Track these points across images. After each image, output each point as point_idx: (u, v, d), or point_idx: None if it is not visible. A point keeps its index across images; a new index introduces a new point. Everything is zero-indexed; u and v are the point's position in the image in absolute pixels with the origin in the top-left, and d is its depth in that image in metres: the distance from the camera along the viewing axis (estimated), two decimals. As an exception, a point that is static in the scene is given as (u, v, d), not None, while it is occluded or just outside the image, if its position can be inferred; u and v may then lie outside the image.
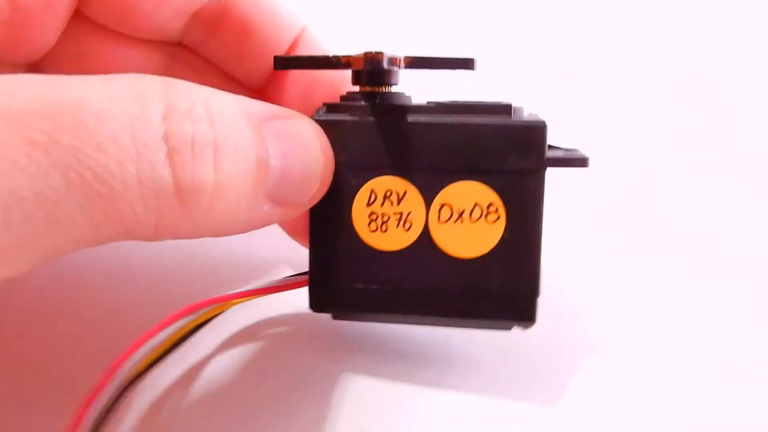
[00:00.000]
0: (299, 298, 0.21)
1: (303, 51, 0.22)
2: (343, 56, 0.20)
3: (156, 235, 0.15)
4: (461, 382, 0.21)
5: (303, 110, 0.22)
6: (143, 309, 0.21)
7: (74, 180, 0.12)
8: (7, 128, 0.12)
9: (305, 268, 0.21)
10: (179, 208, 0.15)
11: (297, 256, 0.23)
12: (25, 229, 0.12)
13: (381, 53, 0.18)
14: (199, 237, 0.17)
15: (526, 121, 0.19)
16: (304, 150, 0.18)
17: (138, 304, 0.22)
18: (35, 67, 0.20)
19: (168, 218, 0.14)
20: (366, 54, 0.18)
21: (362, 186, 0.20)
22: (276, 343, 0.22)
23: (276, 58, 0.20)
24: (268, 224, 0.19)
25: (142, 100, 0.14)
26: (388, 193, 0.20)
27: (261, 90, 0.23)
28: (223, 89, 0.23)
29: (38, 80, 0.13)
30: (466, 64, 0.20)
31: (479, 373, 0.21)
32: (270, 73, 0.23)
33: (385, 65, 0.18)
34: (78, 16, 0.20)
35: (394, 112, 0.19)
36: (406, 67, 0.20)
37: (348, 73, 0.23)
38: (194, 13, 0.21)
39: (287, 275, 0.22)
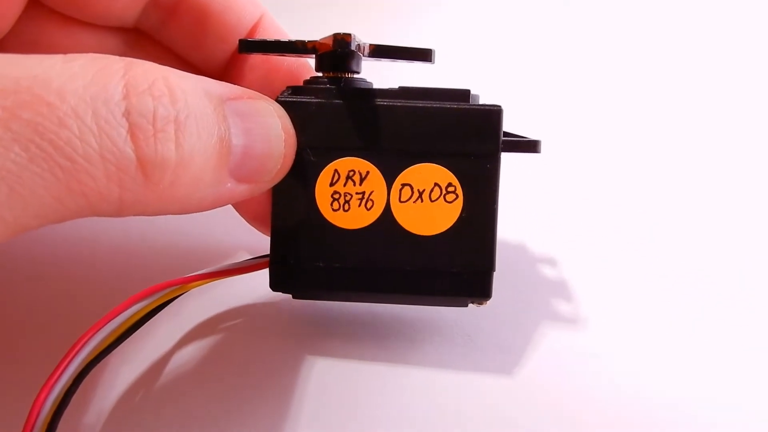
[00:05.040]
0: (258, 281, 0.21)
1: (262, 37, 0.23)
2: (309, 41, 0.20)
3: (120, 210, 0.15)
4: (422, 358, 0.21)
5: (264, 93, 0.23)
6: (102, 291, 0.20)
7: (36, 153, 0.12)
8: None
9: (263, 252, 0.21)
10: (143, 183, 0.15)
11: (255, 241, 0.23)
12: None
13: (350, 34, 0.19)
14: (163, 213, 0.17)
15: (483, 106, 0.20)
16: (266, 128, 0.18)
17: (97, 286, 0.22)
18: None
19: (132, 193, 0.15)
20: (335, 35, 0.19)
21: (326, 166, 0.20)
22: (235, 326, 0.22)
23: (241, 42, 0.21)
24: (232, 202, 0.19)
25: (102, 77, 0.14)
26: (351, 173, 0.20)
27: (220, 76, 0.23)
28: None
29: (3, 60, 0.13)
30: (426, 55, 0.21)
31: (441, 347, 0.22)
32: (228, 59, 0.23)
33: (353, 47, 0.19)
34: (33, 1, 0.20)
35: (358, 95, 0.20)
36: (368, 56, 0.21)
37: (307, 61, 0.23)
38: None
39: (246, 258, 0.22)
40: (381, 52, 0.21)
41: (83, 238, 0.22)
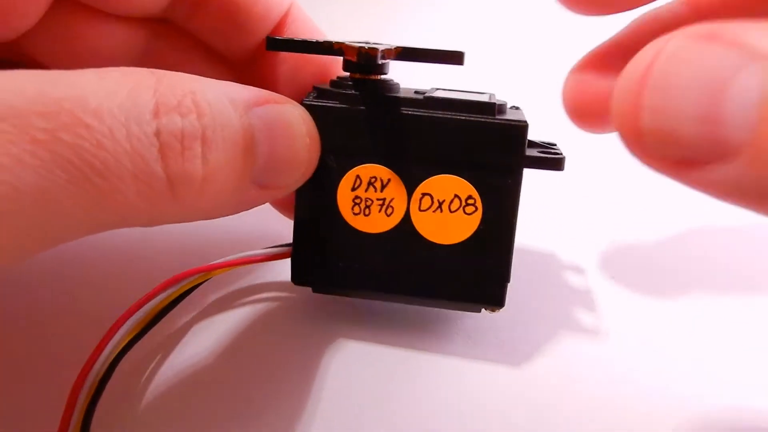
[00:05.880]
0: (282, 268, 0.22)
1: (292, 28, 0.23)
2: (336, 42, 0.20)
3: (149, 222, 0.16)
4: (442, 346, 0.22)
5: (291, 86, 0.23)
6: (129, 281, 0.21)
7: (74, 174, 0.13)
8: (11, 128, 0.12)
9: (285, 240, 0.22)
10: (170, 199, 0.15)
11: (279, 228, 0.24)
12: (27, 222, 0.13)
13: (376, 49, 0.18)
14: (189, 221, 0.17)
15: (509, 121, 0.20)
16: (290, 135, 0.18)
17: (123, 276, 0.23)
18: (15, 45, 0.20)
19: (160, 207, 0.15)
20: (360, 48, 0.18)
21: (348, 171, 0.20)
22: (259, 310, 0.23)
23: (268, 39, 0.21)
24: (256, 206, 0.19)
25: (135, 95, 0.14)
26: (372, 180, 0.20)
27: (248, 66, 0.23)
28: (208, 66, 0.23)
29: (38, 78, 0.13)
30: (456, 58, 0.21)
31: (457, 337, 0.23)
32: (257, 49, 0.23)
33: (379, 60, 0.18)
34: None
35: (383, 103, 0.20)
36: (396, 58, 0.20)
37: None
38: None
39: (269, 246, 0.23)
40: (408, 55, 0.21)
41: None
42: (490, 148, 0.20)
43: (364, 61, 0.18)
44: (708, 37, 0.12)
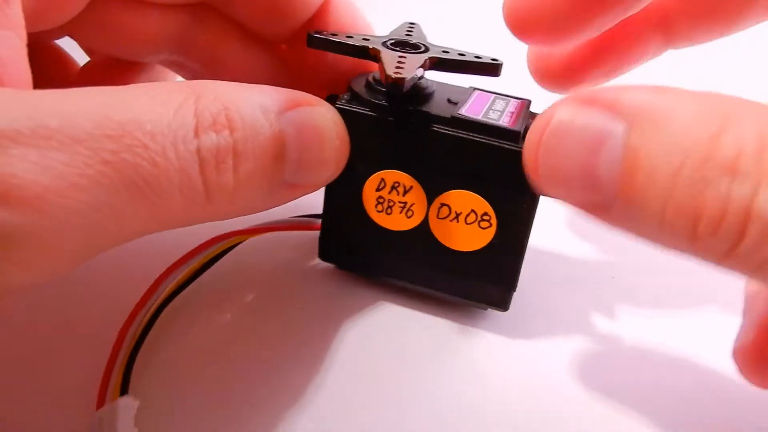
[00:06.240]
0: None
1: (334, 14, 0.22)
2: (372, 48, 0.20)
3: (185, 225, 0.18)
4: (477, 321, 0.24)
5: (330, 71, 0.23)
6: (175, 240, 0.23)
7: (135, 192, 0.15)
8: (87, 150, 0.14)
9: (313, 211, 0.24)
10: (206, 206, 0.17)
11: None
12: (96, 233, 0.15)
13: (403, 78, 0.18)
14: (221, 220, 0.19)
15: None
16: (320, 137, 0.19)
17: (162, 241, 0.25)
18: (57, 32, 0.21)
19: (197, 214, 0.17)
20: (388, 77, 0.18)
21: (373, 174, 0.21)
22: (294, 270, 0.25)
23: (309, 37, 0.21)
24: (286, 202, 0.21)
25: (180, 116, 0.16)
26: (396, 184, 0.21)
27: (288, 48, 0.24)
28: (245, 48, 0.24)
29: (98, 101, 0.15)
30: (492, 69, 0.21)
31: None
32: (297, 33, 0.23)
33: (406, 88, 0.19)
34: None
35: (412, 116, 0.20)
36: (430, 68, 0.20)
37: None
38: None
39: (299, 215, 0.25)
40: (443, 65, 0.21)
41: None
42: (511, 175, 0.20)
43: (392, 91, 0.19)
44: (588, 102, 0.15)
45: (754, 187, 0.12)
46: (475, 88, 0.23)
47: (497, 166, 0.20)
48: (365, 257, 0.23)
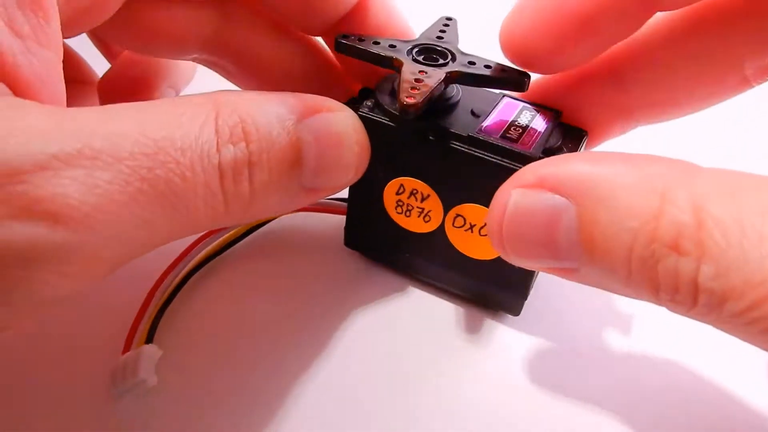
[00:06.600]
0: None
1: (371, 10, 0.22)
2: (396, 59, 0.20)
3: (207, 230, 0.19)
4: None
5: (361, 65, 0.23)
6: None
7: (166, 206, 0.16)
8: (127, 168, 0.15)
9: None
10: (225, 213, 0.18)
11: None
12: (132, 244, 0.16)
13: (416, 104, 0.18)
14: (240, 224, 0.20)
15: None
16: (339, 144, 0.20)
17: None
18: (93, 32, 0.21)
19: (218, 221, 0.18)
20: (400, 102, 0.18)
21: (393, 179, 0.22)
22: (322, 247, 0.27)
23: (336, 42, 0.21)
24: (306, 204, 0.22)
25: (205, 132, 0.17)
26: (414, 191, 0.22)
27: (326, 37, 0.23)
28: (277, 43, 0.24)
29: (133, 118, 0.16)
30: (517, 84, 0.20)
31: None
32: (335, 25, 0.23)
33: (417, 114, 0.19)
34: None
35: (432, 129, 0.20)
36: (453, 82, 0.20)
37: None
38: None
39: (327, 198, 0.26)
40: (465, 80, 0.20)
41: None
42: (524, 195, 0.20)
43: (404, 115, 0.19)
44: (536, 184, 0.16)
45: (696, 263, 0.14)
46: (505, 95, 0.22)
47: (512, 188, 0.20)
48: (386, 251, 0.24)
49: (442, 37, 0.22)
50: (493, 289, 0.23)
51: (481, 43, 0.24)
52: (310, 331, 0.23)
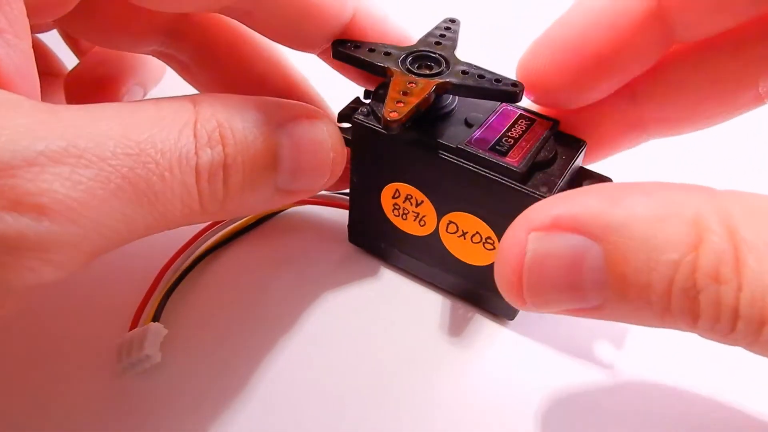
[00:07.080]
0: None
1: (362, 26, 0.22)
2: (388, 68, 0.20)
3: (183, 225, 0.20)
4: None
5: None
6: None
7: (145, 204, 0.17)
8: (109, 167, 0.16)
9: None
10: (200, 212, 0.19)
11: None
12: (110, 237, 0.18)
13: (399, 120, 0.18)
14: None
15: (533, 192, 0.19)
16: (315, 149, 0.20)
17: None
18: (46, 25, 0.22)
19: (194, 218, 0.20)
20: (384, 117, 0.19)
21: (389, 183, 0.22)
22: (325, 239, 0.28)
23: (334, 48, 0.21)
24: (282, 204, 0.22)
25: (184, 135, 0.18)
26: (409, 196, 0.22)
27: (322, 53, 0.23)
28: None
29: (119, 120, 0.17)
30: (509, 96, 0.20)
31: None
32: (327, 42, 0.22)
33: (398, 131, 0.19)
34: None
35: (427, 143, 0.21)
36: (443, 93, 0.20)
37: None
38: None
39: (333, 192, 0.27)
40: (457, 91, 0.20)
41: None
42: (513, 210, 0.20)
43: (387, 131, 0.19)
44: (552, 227, 0.16)
45: (737, 291, 0.14)
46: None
47: (497, 199, 0.20)
48: (387, 250, 0.25)
49: (440, 42, 0.22)
50: (487, 293, 0.23)
51: (482, 43, 0.23)
52: (312, 318, 0.24)
